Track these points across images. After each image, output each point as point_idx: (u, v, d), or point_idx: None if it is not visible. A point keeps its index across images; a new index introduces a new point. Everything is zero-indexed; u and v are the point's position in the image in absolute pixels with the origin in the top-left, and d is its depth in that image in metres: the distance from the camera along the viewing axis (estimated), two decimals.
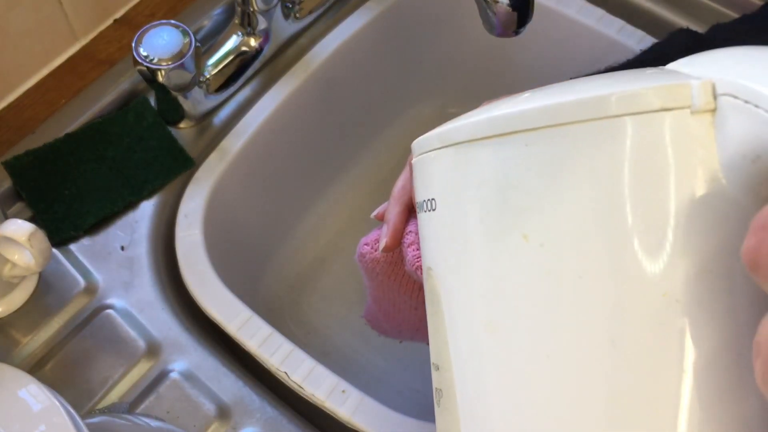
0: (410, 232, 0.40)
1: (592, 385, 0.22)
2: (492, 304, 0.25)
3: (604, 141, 0.22)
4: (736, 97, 0.21)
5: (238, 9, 0.60)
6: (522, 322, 0.24)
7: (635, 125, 0.22)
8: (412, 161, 0.31)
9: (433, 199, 0.28)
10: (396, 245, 0.40)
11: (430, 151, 0.28)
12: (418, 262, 0.38)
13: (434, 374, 0.29)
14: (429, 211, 0.29)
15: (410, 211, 0.41)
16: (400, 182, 0.41)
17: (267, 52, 0.64)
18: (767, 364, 0.17)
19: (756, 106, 0.20)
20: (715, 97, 0.21)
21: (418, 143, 0.30)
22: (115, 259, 0.56)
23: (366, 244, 0.43)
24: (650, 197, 0.22)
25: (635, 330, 0.22)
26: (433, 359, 0.30)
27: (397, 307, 0.47)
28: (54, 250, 0.55)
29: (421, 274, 0.33)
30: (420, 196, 0.30)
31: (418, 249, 0.38)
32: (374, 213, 0.43)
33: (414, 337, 0.51)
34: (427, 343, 0.31)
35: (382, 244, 0.40)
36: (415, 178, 0.31)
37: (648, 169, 0.22)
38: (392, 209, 0.41)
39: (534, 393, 0.24)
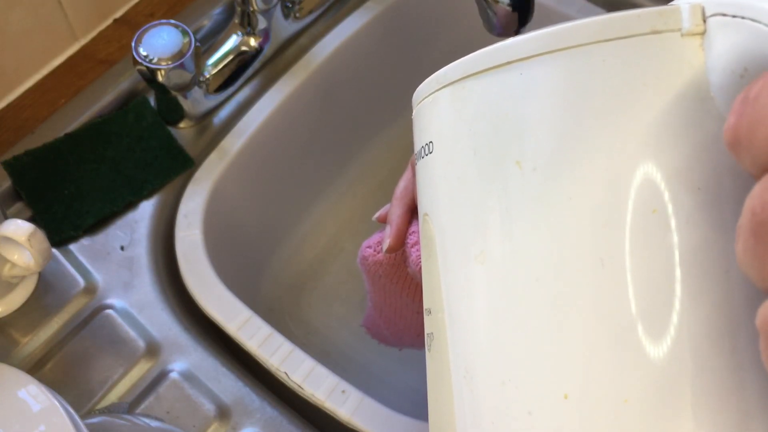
0: (413, 232, 0.40)
1: (582, 306, 0.22)
2: (484, 234, 0.25)
3: (595, 65, 0.23)
4: (724, 15, 0.21)
5: (238, 9, 0.60)
6: (511, 248, 0.24)
7: (626, 49, 0.22)
8: (413, 115, 0.31)
9: (430, 142, 0.28)
10: (399, 246, 0.40)
11: (429, 95, 0.29)
12: (421, 261, 0.38)
13: (426, 320, 0.29)
14: (426, 155, 0.29)
15: (413, 212, 0.41)
16: (402, 183, 0.41)
17: (267, 51, 0.64)
18: (747, 241, 0.17)
19: (743, 17, 0.20)
20: (704, 19, 0.22)
21: (418, 92, 0.30)
22: (115, 259, 0.56)
23: (368, 247, 0.43)
24: (641, 119, 0.22)
25: (625, 248, 0.22)
26: (425, 305, 0.29)
27: (399, 312, 0.47)
28: (53, 250, 0.55)
29: None
30: (418, 145, 0.30)
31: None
32: (376, 215, 0.43)
33: (414, 343, 0.51)
34: None
35: (386, 244, 0.40)
36: (415, 130, 0.31)
37: (639, 92, 0.22)
38: (395, 210, 0.40)
39: (523, 318, 0.24)
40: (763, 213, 0.17)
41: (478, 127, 0.26)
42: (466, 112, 0.26)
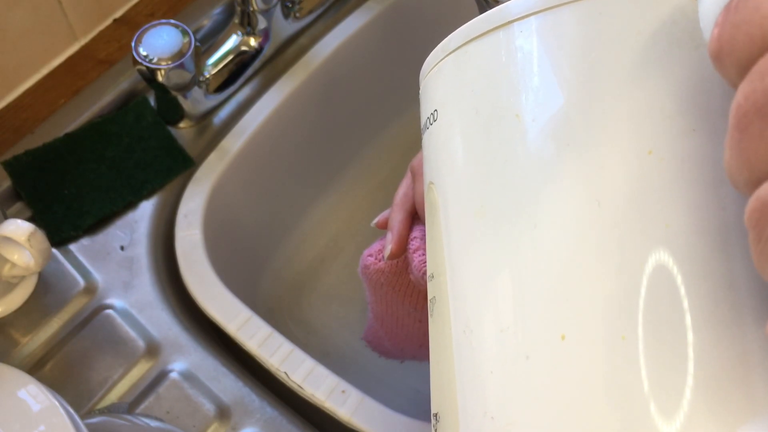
0: (415, 238, 0.39)
1: (578, 247, 0.23)
2: (483, 188, 0.26)
3: (592, 18, 0.24)
4: None
5: (238, 9, 0.60)
6: (510, 198, 0.25)
7: (621, 1, 0.23)
8: (420, 91, 0.31)
9: (435, 110, 0.29)
10: (401, 252, 0.40)
11: (434, 66, 0.29)
12: (424, 267, 0.38)
13: (429, 286, 0.29)
14: (431, 124, 0.29)
15: (414, 217, 0.40)
16: (401, 190, 0.41)
17: (267, 51, 0.64)
18: (732, 138, 0.17)
19: None
20: None
21: (424, 65, 0.30)
22: (115, 259, 0.56)
23: (369, 255, 0.43)
24: (636, 66, 0.23)
25: (620, 188, 0.22)
26: (429, 271, 0.30)
27: (401, 322, 0.46)
28: (53, 250, 0.55)
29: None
30: (424, 116, 0.30)
31: (424, 254, 0.38)
32: (374, 221, 0.43)
33: (416, 354, 0.50)
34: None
35: (387, 251, 0.40)
36: (422, 103, 0.31)
37: (634, 41, 0.23)
38: (395, 216, 0.40)
39: (520, 264, 0.24)
40: (746, 103, 0.17)
41: (479, 87, 0.26)
42: (468, 75, 0.27)
